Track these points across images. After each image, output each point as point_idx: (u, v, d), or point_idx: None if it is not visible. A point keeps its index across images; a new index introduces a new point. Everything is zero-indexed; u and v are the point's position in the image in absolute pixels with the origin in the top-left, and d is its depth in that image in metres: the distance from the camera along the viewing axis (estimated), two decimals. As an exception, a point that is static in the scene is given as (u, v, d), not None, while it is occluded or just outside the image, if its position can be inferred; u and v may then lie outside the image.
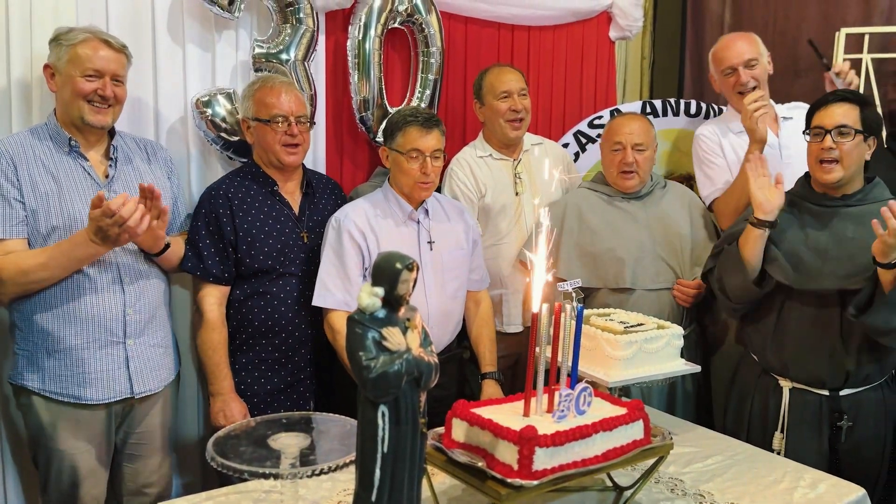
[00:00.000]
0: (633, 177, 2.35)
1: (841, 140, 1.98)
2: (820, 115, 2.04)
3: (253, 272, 2.11)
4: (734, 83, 2.52)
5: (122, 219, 1.72)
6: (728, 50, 2.54)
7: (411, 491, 1.17)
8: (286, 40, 2.37)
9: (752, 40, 2.54)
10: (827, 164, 2.00)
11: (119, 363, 1.92)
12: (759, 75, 2.51)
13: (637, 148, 2.33)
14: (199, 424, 2.43)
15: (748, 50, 2.51)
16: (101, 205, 1.71)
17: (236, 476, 1.33)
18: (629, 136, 2.34)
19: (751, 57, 2.50)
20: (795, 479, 1.67)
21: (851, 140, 1.98)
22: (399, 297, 1.14)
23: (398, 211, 2.15)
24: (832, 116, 2.01)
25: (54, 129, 1.91)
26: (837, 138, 1.98)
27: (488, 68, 2.59)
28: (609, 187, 2.43)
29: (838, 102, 2.03)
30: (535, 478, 1.26)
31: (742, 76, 2.50)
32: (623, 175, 2.35)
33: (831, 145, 1.98)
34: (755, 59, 2.51)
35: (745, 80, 2.50)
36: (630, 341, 1.74)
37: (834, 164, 1.99)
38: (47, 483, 1.92)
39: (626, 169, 2.34)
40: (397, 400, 1.13)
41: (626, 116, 2.50)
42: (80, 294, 1.87)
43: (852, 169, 2.00)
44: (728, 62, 2.53)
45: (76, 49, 1.86)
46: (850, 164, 1.99)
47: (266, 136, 2.12)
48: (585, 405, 1.44)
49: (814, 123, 2.05)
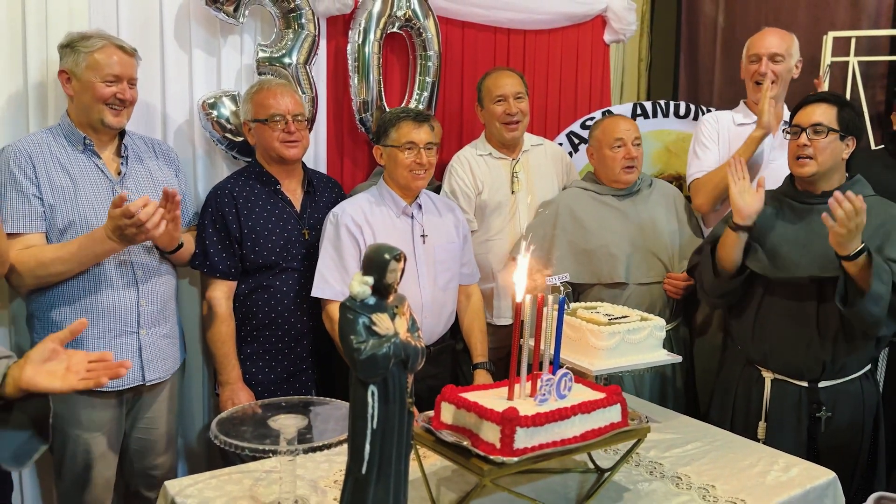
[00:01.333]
0: (634, 171, 2.46)
1: (815, 137, 2.06)
2: (798, 115, 2.13)
3: (257, 267, 2.20)
4: (754, 71, 2.58)
5: (141, 221, 1.79)
6: (760, 39, 2.60)
7: (399, 465, 1.26)
8: (288, 45, 2.46)
9: (786, 38, 2.59)
10: (802, 159, 2.08)
11: (133, 352, 2.02)
12: (781, 72, 2.56)
13: (635, 143, 2.44)
14: (205, 414, 2.53)
15: (777, 45, 2.55)
16: (121, 205, 1.78)
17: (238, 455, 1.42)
18: (627, 132, 2.44)
19: (777, 52, 2.54)
20: (770, 464, 1.75)
21: (825, 138, 2.06)
22: (388, 285, 1.23)
23: (393, 206, 2.24)
24: (809, 115, 2.10)
25: (68, 129, 2.00)
26: (812, 136, 2.06)
27: (489, 72, 2.66)
28: (600, 185, 2.51)
29: (817, 102, 2.12)
30: (515, 455, 1.35)
31: (762, 66, 2.55)
32: (626, 170, 2.45)
33: (806, 142, 2.07)
34: (781, 56, 2.54)
35: (763, 70, 2.55)
36: (613, 332, 1.82)
37: (808, 159, 2.08)
38: (62, 466, 2.03)
39: (630, 164, 2.44)
40: (386, 380, 1.22)
41: (617, 117, 2.60)
42: (96, 287, 1.96)
43: (827, 165, 2.08)
44: (755, 49, 2.59)
45: (94, 56, 1.94)
46: (824, 160, 2.07)
47: (265, 135, 2.21)
48: (566, 390, 1.52)
49: (794, 122, 2.13)
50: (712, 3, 3.68)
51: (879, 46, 3.14)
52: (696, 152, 2.67)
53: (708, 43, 3.71)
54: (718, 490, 1.62)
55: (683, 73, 3.84)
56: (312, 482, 1.59)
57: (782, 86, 2.60)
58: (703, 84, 3.75)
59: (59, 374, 1.30)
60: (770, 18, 3.43)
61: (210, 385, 2.47)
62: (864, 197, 2.07)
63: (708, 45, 3.71)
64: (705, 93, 3.72)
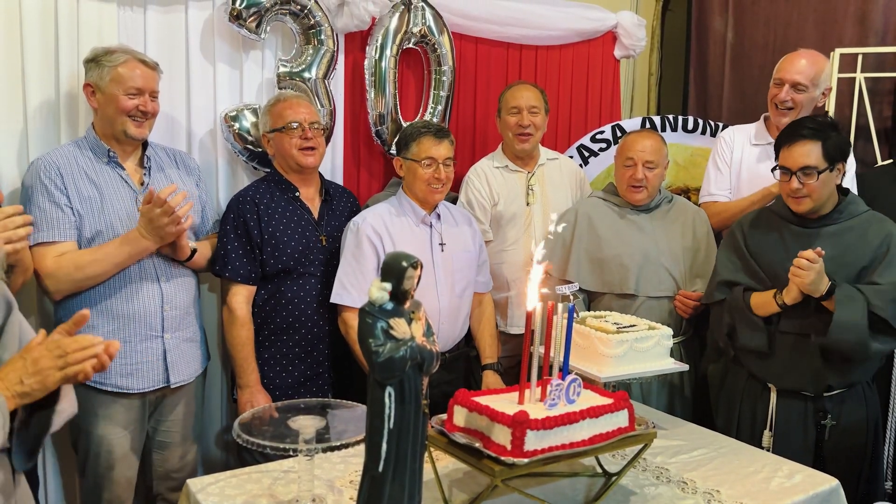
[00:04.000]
0: (641, 191, 2.46)
1: (806, 179, 2.07)
2: (784, 155, 2.11)
3: (276, 272, 2.26)
4: (775, 94, 2.57)
5: (171, 208, 1.90)
6: (788, 62, 2.57)
7: (414, 464, 1.32)
8: (308, 60, 2.54)
9: (816, 64, 2.53)
10: (797, 198, 2.10)
11: (158, 355, 2.10)
12: (802, 101, 2.53)
13: (647, 165, 2.42)
14: (223, 417, 2.59)
15: (803, 73, 2.51)
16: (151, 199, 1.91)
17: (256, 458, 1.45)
18: (641, 153, 2.43)
19: (801, 82, 2.51)
20: (774, 470, 1.79)
21: (816, 179, 2.06)
22: (405, 291, 1.29)
23: (412, 215, 2.31)
24: (795, 158, 2.07)
25: (94, 142, 2.08)
26: (803, 178, 2.07)
27: (510, 85, 2.73)
28: (619, 198, 2.54)
29: (800, 142, 2.07)
30: (526, 457, 1.40)
31: (783, 94, 2.53)
32: (632, 189, 2.46)
33: (798, 186, 2.07)
34: (804, 86, 2.51)
35: (783, 97, 2.53)
36: (621, 340, 1.87)
37: (803, 198, 2.09)
38: (85, 465, 2.10)
39: (635, 184, 2.45)
40: (402, 382, 1.28)
41: (640, 133, 2.57)
42: (122, 293, 2.04)
43: (823, 198, 2.10)
44: (780, 73, 2.56)
45: (118, 69, 2.03)
46: (819, 196, 2.09)
47: (283, 143, 2.29)
48: (575, 395, 1.57)
49: (780, 162, 2.12)
50: (721, 19, 3.74)
51: (887, 63, 3.18)
52: (710, 173, 2.71)
53: (717, 58, 3.77)
54: (723, 495, 1.66)
55: (693, 88, 3.90)
56: (329, 482, 1.65)
57: (803, 113, 2.54)
58: (712, 98, 3.80)
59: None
60: (779, 34, 3.49)
61: (228, 389, 2.53)
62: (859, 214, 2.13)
63: (717, 61, 3.77)
64: (714, 107, 3.77)
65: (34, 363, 1.21)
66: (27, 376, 1.21)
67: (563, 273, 2.49)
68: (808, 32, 3.38)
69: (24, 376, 1.21)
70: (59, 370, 1.22)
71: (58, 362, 1.22)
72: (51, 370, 1.22)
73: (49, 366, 1.22)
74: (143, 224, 1.95)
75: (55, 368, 1.22)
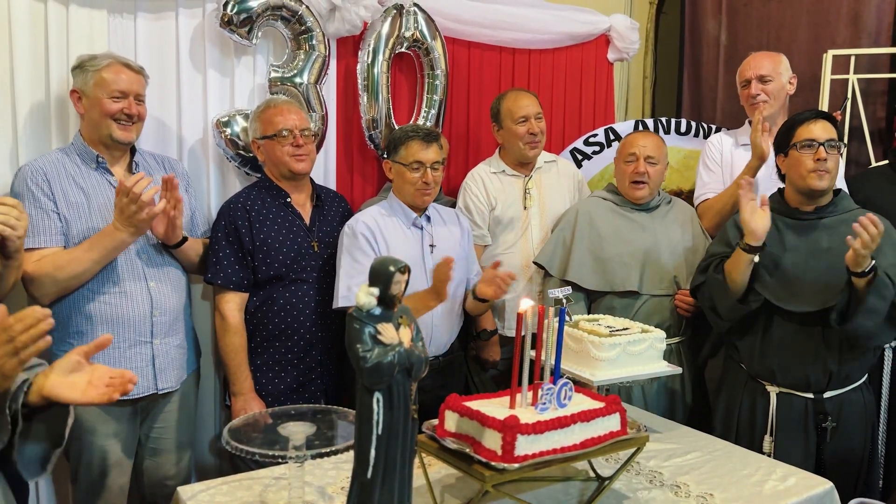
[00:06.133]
0: (643, 187, 2.48)
1: (832, 151, 2.12)
2: (808, 129, 2.16)
3: (268, 279, 2.26)
4: (746, 95, 2.67)
5: (136, 195, 1.87)
6: (747, 64, 2.71)
7: (403, 469, 1.31)
8: (300, 65, 2.54)
9: (773, 59, 2.68)
10: (821, 172, 2.11)
11: (146, 361, 2.09)
12: (772, 91, 2.64)
13: (649, 160, 2.46)
14: (216, 424, 2.58)
15: (764, 66, 2.65)
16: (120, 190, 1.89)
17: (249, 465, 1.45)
18: (643, 148, 2.47)
19: (765, 73, 2.64)
20: (768, 473, 1.79)
21: (837, 153, 2.14)
22: (392, 296, 1.29)
23: (403, 217, 2.31)
24: (819, 131, 2.14)
25: (81, 148, 2.08)
26: (829, 150, 2.12)
27: (505, 93, 2.73)
28: (619, 197, 2.56)
29: (820, 119, 2.17)
30: (517, 461, 1.39)
31: (752, 88, 2.63)
32: (634, 185, 2.48)
33: (825, 156, 2.11)
34: (770, 76, 2.64)
35: (754, 92, 2.63)
36: (614, 343, 1.86)
37: (826, 173, 2.12)
38: (77, 472, 2.09)
39: (638, 179, 2.47)
40: (391, 387, 1.27)
41: (640, 132, 2.69)
42: (112, 299, 2.03)
43: (835, 178, 2.16)
44: (744, 75, 2.70)
45: (101, 73, 2.03)
46: (835, 174, 2.15)
47: (275, 150, 2.28)
48: (566, 399, 1.57)
49: (804, 136, 2.15)
50: (715, 22, 3.74)
51: (880, 64, 3.18)
52: (702, 174, 2.75)
53: (711, 61, 3.77)
54: (717, 498, 1.65)
55: (687, 91, 3.90)
56: (320, 488, 1.64)
57: (778, 105, 2.65)
58: (706, 101, 3.80)
59: (80, 386, 1.32)
60: (771, 36, 3.49)
61: (221, 395, 2.52)
62: (851, 210, 2.16)
63: (711, 63, 3.77)
64: (708, 109, 3.77)
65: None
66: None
67: (565, 273, 2.49)
68: (801, 34, 3.39)
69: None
70: (13, 356, 1.19)
71: (7, 348, 1.19)
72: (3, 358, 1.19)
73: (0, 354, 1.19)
74: (116, 215, 1.93)
75: (7, 355, 1.19)
